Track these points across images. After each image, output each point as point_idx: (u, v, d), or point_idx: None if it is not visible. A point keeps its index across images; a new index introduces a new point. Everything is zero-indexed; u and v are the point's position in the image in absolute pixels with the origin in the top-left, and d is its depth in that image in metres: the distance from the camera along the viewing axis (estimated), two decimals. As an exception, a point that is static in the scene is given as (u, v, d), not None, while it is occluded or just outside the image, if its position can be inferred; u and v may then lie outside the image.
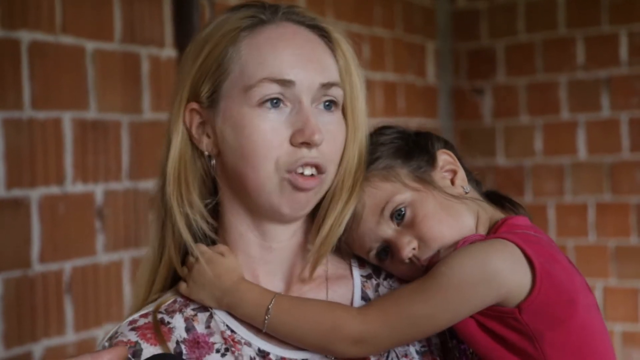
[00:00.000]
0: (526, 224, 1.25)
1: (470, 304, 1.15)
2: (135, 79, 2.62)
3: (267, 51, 1.17)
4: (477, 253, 1.17)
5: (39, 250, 2.30)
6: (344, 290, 1.25)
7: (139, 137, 2.61)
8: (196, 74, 1.20)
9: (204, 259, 1.20)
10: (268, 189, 1.17)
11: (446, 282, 1.15)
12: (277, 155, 1.16)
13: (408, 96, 4.04)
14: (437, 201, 1.25)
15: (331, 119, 1.20)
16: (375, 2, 3.83)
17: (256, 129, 1.15)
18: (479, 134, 4.20)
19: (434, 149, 1.29)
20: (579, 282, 1.20)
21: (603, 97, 3.95)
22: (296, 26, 1.21)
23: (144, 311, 1.21)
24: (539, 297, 1.15)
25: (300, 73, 1.17)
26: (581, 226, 3.97)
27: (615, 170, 3.92)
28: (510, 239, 1.17)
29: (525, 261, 1.16)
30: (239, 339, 1.19)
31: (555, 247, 1.22)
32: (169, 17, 2.70)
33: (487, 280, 1.14)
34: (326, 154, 1.19)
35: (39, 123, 2.31)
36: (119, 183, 2.54)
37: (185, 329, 1.19)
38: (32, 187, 2.28)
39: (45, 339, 2.30)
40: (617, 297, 3.88)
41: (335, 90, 1.20)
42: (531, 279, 1.15)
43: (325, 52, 1.21)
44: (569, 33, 4.01)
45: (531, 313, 1.15)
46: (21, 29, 2.26)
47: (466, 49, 4.27)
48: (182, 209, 1.20)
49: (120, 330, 1.19)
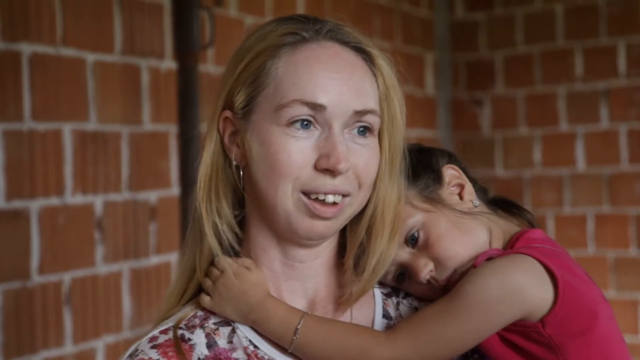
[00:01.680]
0: (542, 237, 1.25)
1: (496, 321, 1.15)
2: (135, 90, 2.62)
3: (302, 71, 1.14)
4: (500, 270, 1.16)
5: (39, 261, 2.30)
6: (366, 309, 1.24)
7: (139, 148, 2.62)
8: (234, 83, 1.18)
9: (230, 273, 1.18)
10: (284, 209, 1.14)
11: (471, 301, 1.14)
12: (296, 176, 1.13)
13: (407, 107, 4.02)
14: (449, 219, 1.25)
15: (364, 143, 1.17)
16: (374, 13, 3.84)
17: (282, 148, 1.13)
18: (477, 145, 4.21)
19: (438, 166, 1.29)
20: (597, 293, 1.21)
21: (602, 109, 3.95)
22: (339, 47, 1.18)
23: (164, 327, 1.18)
24: (562, 310, 1.15)
25: (333, 98, 1.14)
26: (580, 237, 3.97)
27: (614, 181, 3.93)
28: (529, 254, 1.17)
29: (546, 275, 1.16)
30: (262, 354, 1.17)
31: (572, 259, 1.22)
32: (169, 29, 2.71)
33: (511, 297, 1.14)
34: (352, 179, 1.16)
35: (39, 134, 2.31)
36: (118, 194, 2.54)
37: (207, 345, 1.16)
38: (31, 198, 2.28)
39: (44, 350, 2.30)
40: (616, 309, 3.83)
41: (371, 117, 1.17)
42: (553, 292, 1.15)
43: (365, 77, 1.18)
44: (568, 44, 4.02)
45: (554, 326, 1.15)
46: (22, 41, 2.27)
47: (465, 60, 4.28)
48: (210, 216, 1.18)
49: (141, 348, 1.15)
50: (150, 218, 2.66)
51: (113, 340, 2.51)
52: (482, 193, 1.34)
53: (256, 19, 3.08)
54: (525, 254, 1.17)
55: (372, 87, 1.19)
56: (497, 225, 1.28)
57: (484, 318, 1.15)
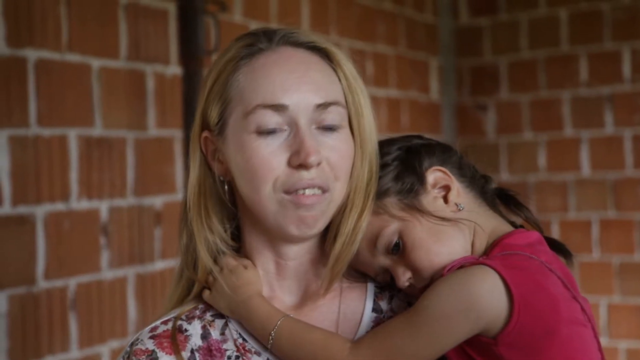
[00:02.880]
0: (522, 243, 1.21)
1: (453, 336, 1.15)
2: (140, 96, 2.63)
3: (260, 78, 1.20)
4: (457, 284, 1.15)
5: (44, 266, 2.30)
6: (356, 302, 1.28)
7: (144, 153, 2.62)
8: (205, 103, 1.25)
9: (227, 270, 1.25)
10: (271, 210, 1.20)
11: (428, 316, 1.14)
12: (275, 177, 1.19)
13: (412, 112, 4.05)
14: (424, 228, 1.24)
15: (335, 136, 1.22)
16: (378, 19, 3.84)
17: (254, 153, 1.19)
18: (482, 150, 4.20)
19: (422, 169, 1.27)
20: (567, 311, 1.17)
21: (606, 114, 3.95)
22: (293, 49, 1.23)
23: (167, 317, 1.27)
24: (515, 327, 1.13)
25: (293, 96, 1.19)
26: (585, 242, 3.96)
27: (619, 186, 3.92)
28: (491, 266, 1.15)
29: (504, 290, 1.13)
30: (249, 347, 1.23)
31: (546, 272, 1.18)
32: (174, 35, 2.71)
33: (466, 313, 1.13)
34: (329, 172, 1.20)
35: (44, 140, 2.32)
36: (123, 200, 2.55)
37: (201, 336, 1.24)
38: (37, 203, 2.29)
39: (49, 356, 2.30)
40: (621, 314, 3.87)
41: (335, 108, 1.21)
42: (508, 308, 1.13)
43: (322, 72, 1.23)
44: (572, 50, 4.02)
45: (507, 344, 1.14)
46: (27, 47, 2.28)
47: (469, 65, 4.28)
48: (203, 233, 1.25)
49: (141, 338, 1.24)
50: (155, 223, 2.66)
51: (118, 345, 2.51)
52: (484, 182, 1.31)
53: (261, 24, 3.09)
54: (487, 265, 1.15)
55: (332, 80, 1.23)
56: (484, 226, 1.25)
57: (441, 333, 1.15)
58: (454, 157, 1.30)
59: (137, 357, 1.21)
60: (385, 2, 3.90)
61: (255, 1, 3.10)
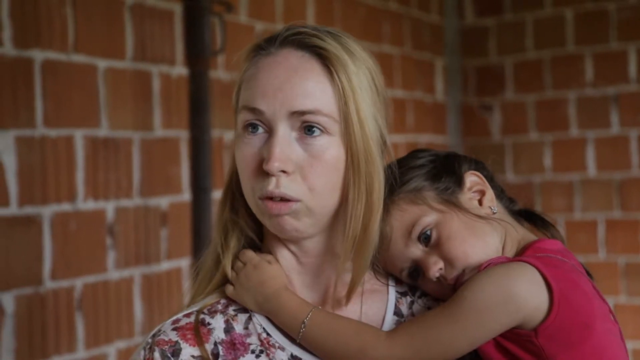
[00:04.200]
0: (553, 248, 1.26)
1: (491, 327, 1.17)
2: (146, 96, 2.63)
3: (252, 80, 1.22)
4: (496, 277, 1.18)
5: (51, 267, 2.30)
6: (378, 304, 1.28)
7: (150, 154, 2.63)
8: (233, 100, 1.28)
9: (251, 265, 1.26)
10: (256, 211, 1.23)
11: (467, 306, 1.16)
12: (252, 180, 1.21)
13: (417, 113, 4.05)
14: (462, 221, 1.27)
15: (314, 142, 1.18)
16: (383, 20, 3.85)
17: (240, 154, 1.22)
18: (487, 150, 4.20)
19: (461, 171, 1.32)
20: (600, 308, 1.21)
21: (612, 114, 3.95)
22: (292, 52, 1.21)
23: (188, 311, 1.27)
24: (555, 320, 1.16)
25: (267, 102, 1.18)
26: (591, 243, 3.96)
27: (624, 186, 3.92)
28: (530, 262, 1.18)
29: (543, 284, 1.17)
30: (273, 342, 1.24)
31: (579, 273, 1.23)
32: (180, 35, 2.72)
33: (506, 304, 1.15)
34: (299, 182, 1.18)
35: (51, 141, 2.32)
36: (130, 200, 2.55)
37: (224, 330, 1.25)
38: (44, 204, 2.29)
39: (56, 356, 2.31)
40: (628, 315, 3.87)
41: (313, 117, 1.17)
42: (548, 302, 1.16)
43: (310, 79, 1.19)
44: (578, 50, 4.02)
45: (547, 336, 1.16)
46: (34, 48, 2.28)
47: (475, 65, 4.28)
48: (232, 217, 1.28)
49: (164, 329, 1.24)
50: (161, 224, 2.67)
51: (125, 345, 2.51)
52: (509, 203, 1.37)
53: (266, 25, 3.09)
54: (525, 262, 1.19)
55: (320, 87, 1.19)
56: (513, 233, 1.30)
57: (480, 324, 1.16)
58: (486, 171, 1.36)
59: (160, 347, 1.21)
60: (391, 2, 3.90)
61: (261, 2, 3.10)
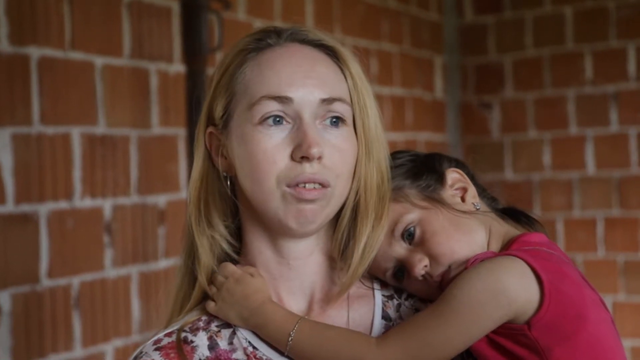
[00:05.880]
0: (539, 241, 1.24)
1: (484, 324, 1.16)
2: (144, 94, 2.62)
3: (267, 71, 1.20)
4: (485, 272, 1.16)
5: (48, 265, 2.30)
6: (365, 309, 1.26)
7: (148, 152, 2.62)
8: (211, 98, 1.24)
9: (233, 279, 1.23)
10: (273, 204, 1.19)
11: (458, 304, 1.15)
12: (278, 171, 1.18)
13: (416, 111, 4.04)
14: (446, 217, 1.26)
15: (337, 133, 1.21)
16: (382, 17, 3.84)
17: (258, 146, 1.18)
18: (487, 148, 4.20)
19: (442, 168, 1.31)
20: (590, 297, 1.20)
21: (611, 112, 3.94)
22: (300, 45, 1.24)
23: (169, 330, 1.24)
24: (548, 312, 1.15)
25: (299, 90, 1.19)
26: (590, 241, 3.96)
27: (623, 184, 3.92)
28: (518, 255, 1.17)
29: (533, 277, 1.16)
30: (260, 355, 1.21)
31: (566, 263, 1.22)
32: (178, 33, 2.71)
33: (497, 299, 1.14)
34: (330, 168, 1.19)
35: (47, 138, 2.32)
36: (127, 198, 2.55)
37: (209, 347, 1.21)
38: (40, 202, 2.29)
39: (53, 354, 2.30)
40: (626, 312, 3.86)
41: (339, 105, 1.21)
42: (539, 294, 1.15)
43: (329, 69, 1.23)
44: (577, 48, 4.01)
45: (540, 329, 1.15)
46: (31, 45, 2.28)
47: (474, 63, 4.28)
48: (201, 229, 1.24)
49: (145, 350, 1.21)
50: (159, 222, 2.66)
51: (122, 344, 2.51)
52: (492, 201, 1.35)
53: (265, 22, 3.08)
54: (513, 255, 1.18)
55: (338, 78, 1.23)
56: (498, 228, 1.28)
57: (472, 321, 1.15)
58: (467, 169, 1.34)
59: None
60: (390, 0, 3.90)
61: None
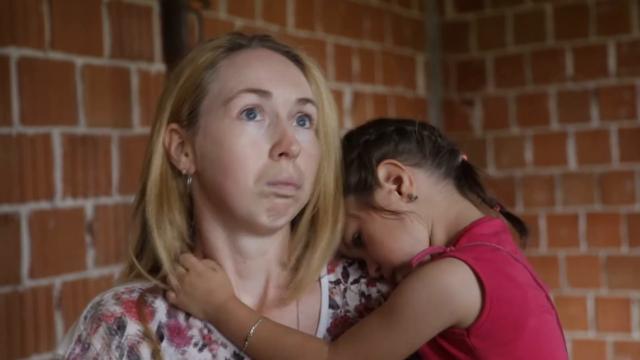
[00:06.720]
0: (489, 232, 1.22)
1: (427, 331, 1.16)
2: (124, 93, 2.62)
3: (244, 68, 1.22)
4: (428, 279, 1.15)
5: (29, 265, 2.29)
6: (312, 300, 1.28)
7: (129, 151, 2.61)
8: (176, 96, 1.24)
9: (195, 272, 1.23)
10: (246, 201, 1.19)
11: (402, 314, 1.15)
12: (257, 168, 1.19)
13: (398, 108, 4.05)
14: (378, 225, 1.26)
15: (306, 136, 1.23)
16: (364, 15, 3.84)
17: (235, 142, 1.19)
18: (469, 145, 4.21)
19: (372, 164, 1.27)
20: (534, 299, 1.19)
21: (592, 108, 3.96)
22: (270, 51, 1.27)
23: (129, 285, 1.26)
24: (487, 320, 1.14)
25: (277, 86, 1.21)
26: (572, 236, 3.98)
27: (605, 180, 3.94)
28: (461, 258, 1.16)
29: (476, 283, 1.15)
30: (215, 339, 1.23)
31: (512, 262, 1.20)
32: (158, 32, 2.71)
33: (440, 309, 1.14)
34: (300, 171, 1.21)
35: (28, 138, 2.31)
36: (109, 198, 2.54)
37: (167, 314, 1.23)
38: (21, 202, 2.28)
39: (35, 355, 2.29)
40: (609, 307, 3.88)
41: (311, 107, 1.24)
42: (481, 301, 1.14)
43: (299, 73, 1.27)
44: (558, 44, 4.03)
45: (479, 336, 1.15)
46: (10, 45, 2.27)
47: (456, 60, 4.29)
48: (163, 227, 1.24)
49: (105, 300, 1.23)
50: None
51: (105, 344, 2.50)
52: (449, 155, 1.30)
53: (246, 21, 3.08)
54: (457, 258, 1.16)
55: (306, 82, 1.27)
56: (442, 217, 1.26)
57: (416, 328, 1.15)
58: (412, 138, 1.29)
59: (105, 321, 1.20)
60: (371, -2, 3.90)
61: (239, -2, 3.09)
